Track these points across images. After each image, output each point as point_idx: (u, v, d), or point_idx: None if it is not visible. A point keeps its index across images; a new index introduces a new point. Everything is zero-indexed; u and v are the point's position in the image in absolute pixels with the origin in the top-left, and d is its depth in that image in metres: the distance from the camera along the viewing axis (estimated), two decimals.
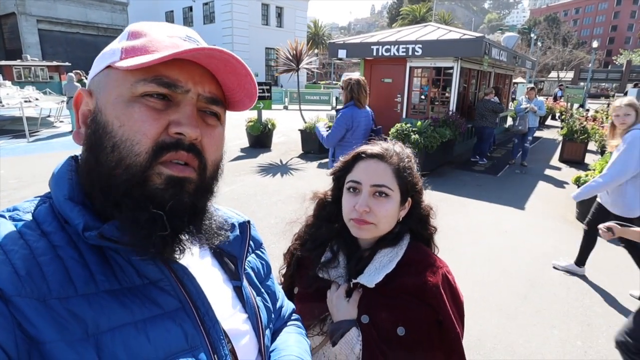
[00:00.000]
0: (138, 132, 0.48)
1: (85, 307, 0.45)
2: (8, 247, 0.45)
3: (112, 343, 0.45)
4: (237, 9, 29.80)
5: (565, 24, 63.63)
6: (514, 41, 12.60)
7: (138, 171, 0.48)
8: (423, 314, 0.90)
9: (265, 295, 0.72)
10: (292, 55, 9.09)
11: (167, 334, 0.49)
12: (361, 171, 0.94)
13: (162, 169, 0.49)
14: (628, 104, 2.99)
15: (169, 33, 0.53)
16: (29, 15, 26.18)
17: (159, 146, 0.48)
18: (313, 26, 46.88)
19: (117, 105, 0.49)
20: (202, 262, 0.64)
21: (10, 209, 0.51)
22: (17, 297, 0.41)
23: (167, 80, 0.49)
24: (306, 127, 8.61)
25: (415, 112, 9.06)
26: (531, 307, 3.14)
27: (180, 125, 0.49)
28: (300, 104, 10.70)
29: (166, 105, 0.50)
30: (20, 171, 6.72)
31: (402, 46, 8.16)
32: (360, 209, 0.90)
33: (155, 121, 0.49)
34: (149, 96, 0.49)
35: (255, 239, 0.77)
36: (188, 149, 0.50)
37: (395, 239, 0.96)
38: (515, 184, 6.82)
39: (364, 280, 0.92)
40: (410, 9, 50.35)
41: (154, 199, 0.48)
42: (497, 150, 9.84)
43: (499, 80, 11.52)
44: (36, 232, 0.48)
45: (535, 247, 4.27)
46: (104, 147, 0.48)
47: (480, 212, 5.34)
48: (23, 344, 0.40)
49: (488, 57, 7.80)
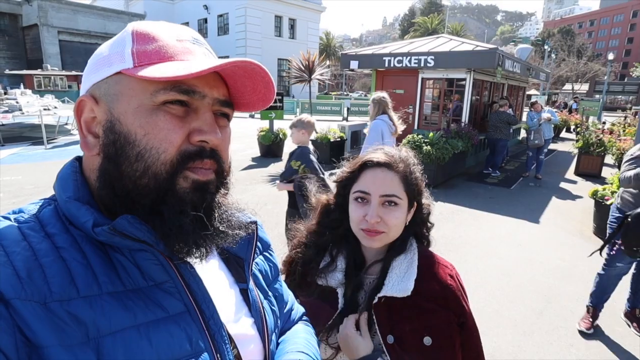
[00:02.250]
0: (164, 141, 0.48)
1: (87, 309, 0.44)
2: (10, 248, 0.44)
3: (113, 347, 0.44)
4: (250, 21, 30.40)
5: (579, 36, 63.11)
6: (528, 53, 12.53)
7: (165, 179, 0.49)
8: (447, 319, 0.89)
9: (272, 299, 0.71)
10: (305, 66, 9.18)
11: (170, 339, 0.48)
12: (369, 181, 0.93)
13: (188, 174, 0.50)
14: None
15: (177, 36, 0.53)
16: (50, 27, 27.11)
17: (184, 154, 0.50)
18: (325, 38, 47.49)
19: (139, 114, 0.49)
20: (209, 263, 0.62)
21: (15, 210, 0.51)
22: (17, 300, 0.41)
23: (187, 87, 0.49)
24: (317, 137, 8.65)
25: (427, 123, 9.03)
26: (547, 324, 3.05)
27: (203, 133, 0.51)
28: (312, 115, 10.78)
29: (186, 112, 0.50)
30: (37, 177, 6.88)
31: (415, 57, 8.18)
32: (372, 220, 0.89)
33: (180, 129, 0.50)
34: (170, 103, 0.49)
35: (263, 240, 0.76)
36: (210, 155, 0.52)
37: (404, 244, 0.96)
38: (530, 197, 6.69)
39: (393, 291, 0.89)
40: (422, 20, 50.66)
41: (184, 202, 0.50)
42: (511, 162, 9.70)
43: (512, 92, 11.43)
44: (40, 233, 0.47)
45: (551, 262, 4.17)
46: (126, 157, 0.49)
47: (494, 225, 5.25)
48: (23, 348, 0.40)
49: (501, 68, 7.75)
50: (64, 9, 27.61)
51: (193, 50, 0.53)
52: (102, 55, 0.53)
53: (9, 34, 29.36)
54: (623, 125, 10.71)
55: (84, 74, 0.56)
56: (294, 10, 33.15)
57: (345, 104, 20.33)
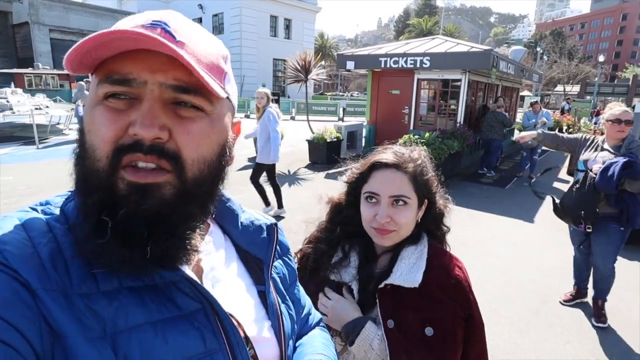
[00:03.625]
0: (97, 137, 0.45)
1: (105, 304, 0.44)
2: (37, 239, 0.45)
3: (129, 343, 0.44)
4: (246, 20, 30.28)
5: (571, 38, 63.86)
6: (522, 54, 12.65)
7: (103, 177, 0.45)
8: (452, 311, 0.91)
9: (290, 303, 0.70)
10: (301, 66, 9.17)
11: (185, 337, 0.48)
12: (378, 182, 0.95)
13: (124, 175, 0.45)
14: None
15: (133, 23, 0.47)
16: (41, 25, 26.77)
17: (118, 149, 0.45)
18: (320, 38, 47.50)
19: (88, 112, 0.47)
20: (228, 264, 0.62)
21: (42, 202, 0.52)
22: (42, 290, 0.41)
23: (119, 77, 0.44)
24: (314, 137, 8.64)
25: (423, 123, 9.07)
26: (543, 322, 3.08)
27: (133, 125, 0.44)
28: (308, 115, 10.78)
29: (129, 104, 0.45)
30: (30, 177, 6.79)
31: (410, 58, 8.22)
32: (382, 220, 0.91)
33: (112, 124, 0.45)
34: (112, 97, 0.45)
35: (282, 244, 0.74)
36: (147, 150, 0.44)
37: (415, 238, 0.99)
38: (524, 197, 6.76)
39: (401, 280, 0.91)
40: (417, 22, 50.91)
41: (120, 205, 0.44)
42: (505, 162, 9.80)
43: (506, 93, 11.54)
44: (64, 226, 0.47)
45: (546, 261, 4.22)
46: (79, 153, 0.48)
47: (489, 225, 5.30)
48: (47, 337, 0.40)
49: (496, 69, 7.83)
50: (55, 7, 27.28)
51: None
52: None
53: None
54: None
55: None
56: (289, 10, 33.08)
57: (341, 104, 20.36)
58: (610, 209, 2.86)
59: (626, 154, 2.83)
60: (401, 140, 6.91)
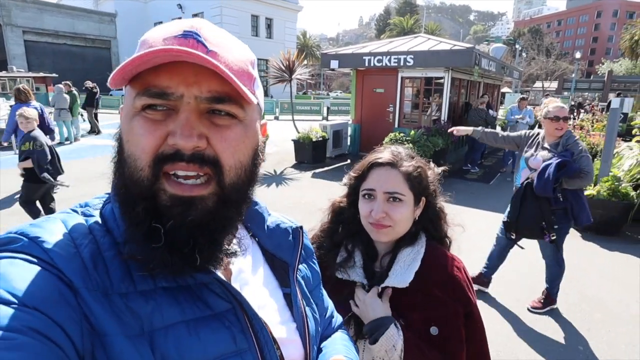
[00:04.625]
0: (137, 147, 0.47)
1: (142, 303, 0.46)
2: (79, 240, 0.47)
3: (165, 341, 0.46)
4: (226, 20, 29.97)
5: (548, 35, 65.57)
6: (502, 52, 12.90)
7: (146, 186, 0.47)
8: (454, 309, 0.94)
9: (314, 306, 0.71)
10: (285, 66, 9.11)
11: (216, 336, 0.50)
12: (374, 179, 0.99)
13: (165, 186, 0.47)
14: None
15: (165, 34, 0.48)
16: (14, 27, 25.87)
17: (158, 158, 0.47)
18: (302, 37, 47.39)
19: (125, 121, 0.50)
20: (255, 267, 0.64)
21: (82, 204, 0.54)
22: (84, 290, 0.43)
23: (157, 90, 0.46)
24: (299, 137, 8.61)
25: (407, 121, 9.15)
26: (533, 315, 3.14)
27: (173, 136, 0.46)
28: (294, 114, 10.72)
29: (166, 115, 0.47)
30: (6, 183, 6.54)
31: (394, 57, 8.27)
32: (377, 215, 0.95)
33: (151, 134, 0.47)
34: (149, 108, 0.47)
35: (307, 248, 0.76)
36: (189, 159, 0.47)
37: (413, 237, 1.01)
38: (508, 192, 6.83)
39: (394, 282, 0.94)
40: (398, 20, 51.39)
41: (165, 215, 0.47)
42: (488, 158, 9.97)
43: (487, 89, 11.74)
44: (103, 228, 0.50)
45: (531, 255, 4.29)
46: (119, 165, 0.50)
47: (475, 220, 5.36)
48: (88, 335, 0.42)
49: (478, 67, 7.94)
50: (29, 8, 26.39)
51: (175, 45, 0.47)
52: None
53: None
54: (592, 121, 11.17)
55: None
56: (270, 9, 32.93)
57: (325, 103, 20.37)
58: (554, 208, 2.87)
59: (562, 152, 2.81)
60: (387, 138, 6.95)
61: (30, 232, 0.45)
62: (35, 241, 0.44)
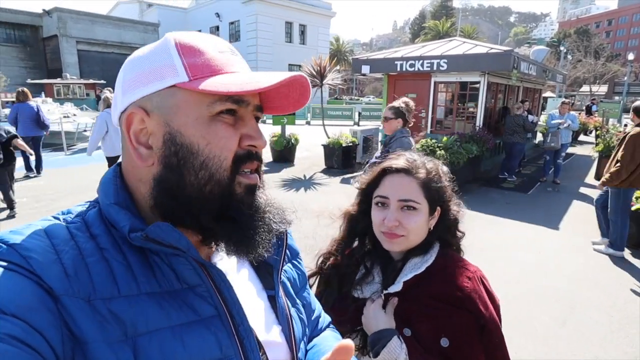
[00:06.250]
0: (224, 149, 0.52)
1: (126, 308, 0.46)
2: (60, 247, 0.47)
3: (149, 346, 0.45)
4: (261, 27, 30.72)
5: (597, 36, 61.74)
6: (544, 54, 12.31)
7: (226, 185, 0.53)
8: (465, 321, 0.89)
9: (300, 307, 0.71)
10: (317, 71, 9.20)
11: (201, 341, 0.49)
12: (388, 186, 0.96)
13: (241, 179, 0.54)
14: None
15: (218, 48, 0.55)
16: (69, 37, 27.90)
17: (237, 159, 0.54)
18: (335, 42, 47.62)
19: (199, 126, 0.51)
20: (239, 269, 0.64)
21: (64, 211, 0.54)
22: (65, 297, 0.43)
23: (238, 97, 0.53)
24: (329, 142, 8.63)
25: (440, 127, 8.93)
26: (570, 334, 2.95)
27: (252, 139, 0.55)
28: (324, 120, 10.79)
29: (235, 120, 0.54)
30: (58, 182, 7.04)
31: (427, 61, 8.12)
32: (390, 223, 0.92)
33: (234, 136, 0.53)
34: (222, 113, 0.52)
35: (292, 248, 0.76)
36: (257, 158, 0.57)
37: (425, 247, 0.97)
38: (548, 203, 6.53)
39: (394, 287, 0.92)
40: (434, 24, 50.39)
41: (247, 206, 0.54)
42: (527, 167, 9.51)
43: (527, 94, 11.24)
44: (85, 234, 0.50)
45: (572, 270, 4.04)
46: (191, 166, 0.51)
47: (511, 231, 5.13)
48: (68, 342, 0.42)
49: (517, 71, 7.63)
50: (82, 20, 28.39)
51: (234, 61, 0.56)
52: (146, 68, 0.53)
53: (30, 45, 30.32)
54: None
55: (123, 85, 0.55)
56: (304, 16, 33.36)
57: (356, 108, 20.31)
58: None
59: (384, 150, 3.09)
60: (417, 144, 6.81)
61: (10, 239, 0.45)
62: (14, 248, 0.44)
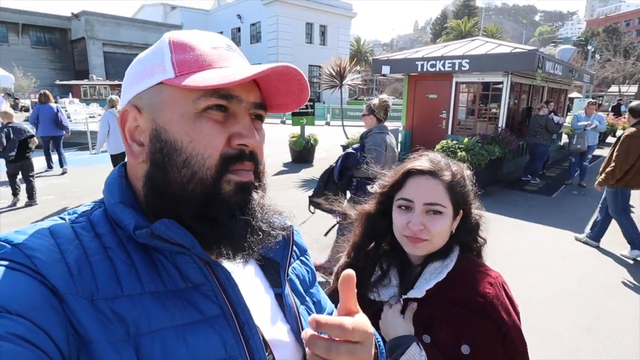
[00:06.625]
0: (208, 146, 0.50)
1: (129, 307, 0.45)
2: (64, 246, 0.47)
3: (151, 346, 0.45)
4: (282, 28, 30.96)
5: (627, 34, 59.31)
6: (570, 54, 11.93)
7: (211, 183, 0.50)
8: (486, 328, 0.86)
9: (310, 304, 0.69)
10: (336, 72, 9.21)
11: (205, 341, 0.48)
12: (412, 189, 0.92)
13: (230, 177, 0.52)
14: None
15: (212, 44, 0.54)
16: (96, 40, 28.88)
17: (226, 158, 0.51)
18: (355, 43, 47.45)
19: (184, 122, 0.50)
20: (244, 268, 0.63)
21: (70, 212, 0.55)
22: (69, 295, 0.43)
23: (225, 92, 0.50)
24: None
25: (461, 128, 8.78)
26: (596, 342, 2.85)
27: (243, 137, 0.52)
28: (343, 120, 10.78)
29: (225, 117, 0.52)
30: (83, 180, 7.30)
31: (448, 61, 8.00)
32: (415, 228, 0.89)
33: (221, 134, 0.51)
34: (210, 109, 0.50)
35: (299, 245, 0.75)
36: (249, 157, 0.53)
37: (446, 251, 0.94)
38: (573, 206, 6.33)
39: (415, 293, 0.90)
40: (456, 23, 49.58)
41: (231, 206, 0.51)
42: (552, 169, 9.24)
43: (552, 94, 10.92)
44: (90, 233, 0.50)
45: (599, 276, 3.90)
46: (174, 164, 0.50)
47: (534, 235, 5.00)
48: (73, 341, 0.42)
49: (542, 71, 7.42)
50: (108, 23, 29.35)
51: (228, 56, 0.54)
52: (141, 67, 0.54)
53: (59, 47, 31.57)
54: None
55: (123, 85, 0.57)
56: (324, 17, 33.42)
57: None
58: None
59: (361, 143, 3.36)
60: (438, 146, 6.73)
61: (14, 239, 0.45)
62: (19, 247, 0.44)
